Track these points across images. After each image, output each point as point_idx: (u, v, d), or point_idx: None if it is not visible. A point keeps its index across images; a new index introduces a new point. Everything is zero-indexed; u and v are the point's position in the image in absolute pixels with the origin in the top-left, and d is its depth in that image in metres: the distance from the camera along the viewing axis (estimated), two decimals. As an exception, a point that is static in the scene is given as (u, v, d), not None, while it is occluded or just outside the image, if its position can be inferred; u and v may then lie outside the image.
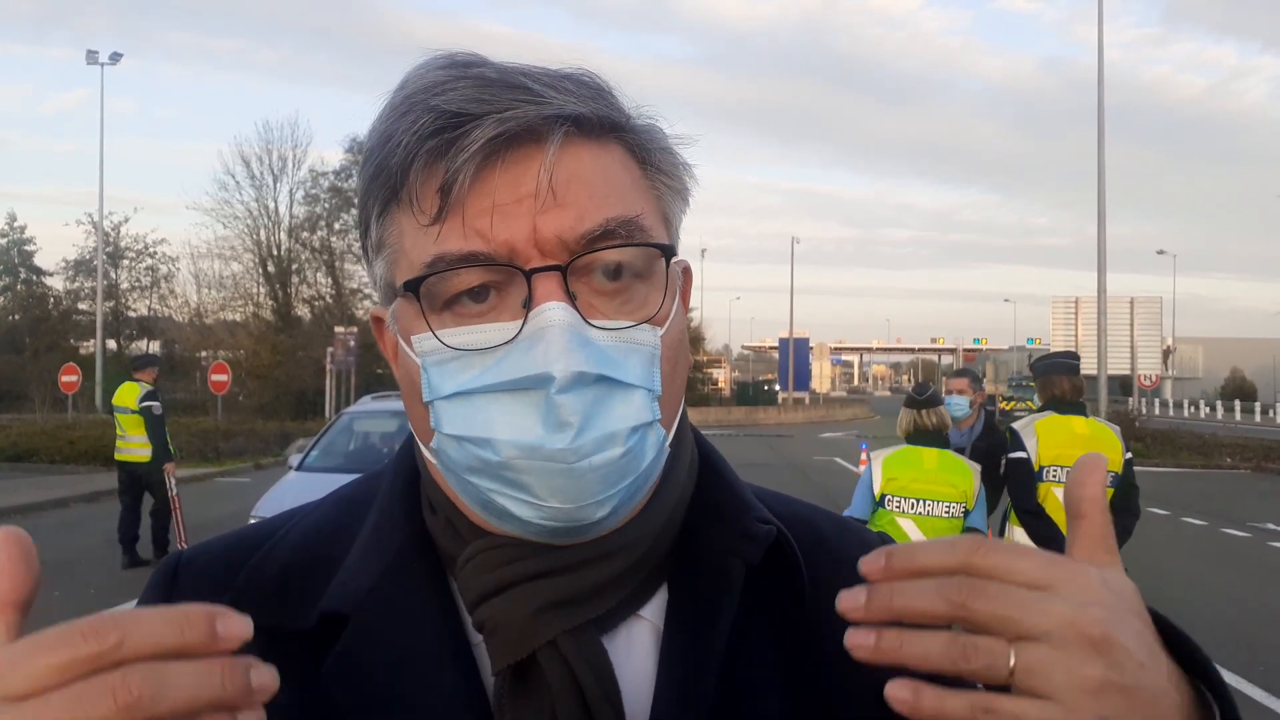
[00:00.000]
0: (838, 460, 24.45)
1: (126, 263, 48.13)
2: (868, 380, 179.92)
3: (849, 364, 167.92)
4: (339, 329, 29.80)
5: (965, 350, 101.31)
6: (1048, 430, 4.91)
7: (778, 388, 61.77)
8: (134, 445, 10.38)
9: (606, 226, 0.69)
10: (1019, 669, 0.51)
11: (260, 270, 41.49)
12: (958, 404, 6.16)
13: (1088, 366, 25.66)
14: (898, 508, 4.83)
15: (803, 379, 58.40)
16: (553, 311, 0.67)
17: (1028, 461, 4.87)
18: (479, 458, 0.68)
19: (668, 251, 0.73)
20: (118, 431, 10.63)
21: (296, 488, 8.42)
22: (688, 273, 0.82)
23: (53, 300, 48.58)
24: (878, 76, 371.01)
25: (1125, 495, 4.86)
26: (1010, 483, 4.97)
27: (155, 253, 48.12)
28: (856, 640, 0.54)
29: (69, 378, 26.02)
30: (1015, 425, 5.10)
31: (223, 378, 26.54)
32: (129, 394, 10.39)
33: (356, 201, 0.77)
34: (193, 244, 71.33)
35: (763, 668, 0.77)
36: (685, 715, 0.72)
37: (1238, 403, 57.05)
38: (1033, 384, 5.43)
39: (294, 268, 42.18)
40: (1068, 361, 5.18)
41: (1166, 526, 13.83)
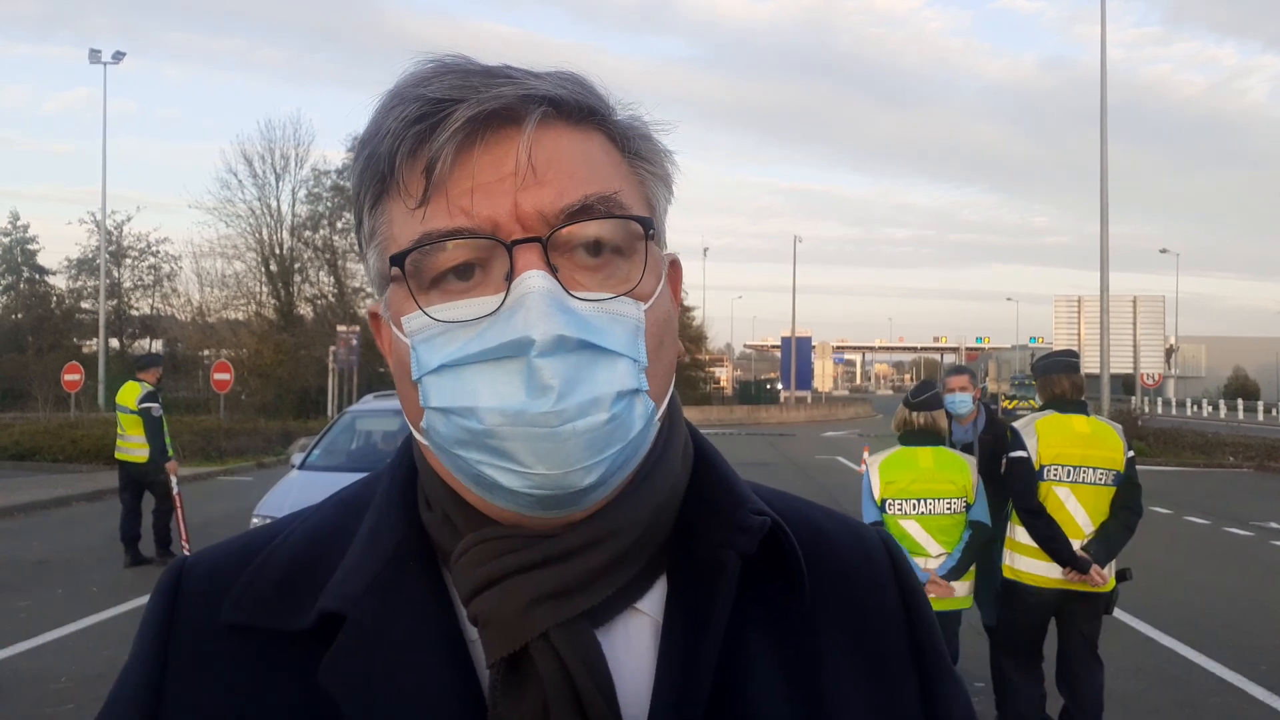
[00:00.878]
0: (840, 459, 24.43)
1: (129, 261, 48.06)
2: (870, 379, 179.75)
3: (851, 363, 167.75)
4: (341, 328, 29.78)
5: (968, 349, 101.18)
6: (1048, 429, 4.90)
7: (780, 387, 61.68)
8: (133, 445, 10.40)
9: (585, 201, 0.71)
10: None
11: (263, 269, 41.47)
12: (961, 401, 6.15)
13: (1090, 365, 25.66)
14: (899, 510, 4.83)
15: (805, 378, 58.32)
16: (533, 280, 0.68)
17: (1028, 460, 4.86)
18: (465, 428, 0.69)
19: (646, 224, 0.74)
20: (118, 430, 10.66)
21: (299, 487, 8.41)
22: (677, 265, 0.83)
23: (55, 299, 48.52)
24: (879, 76, 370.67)
25: (1128, 494, 4.85)
26: (1011, 482, 4.96)
27: (158, 251, 48.05)
28: None
29: (71, 376, 26.03)
30: (1016, 424, 5.08)
31: (225, 376, 26.54)
32: (130, 394, 10.41)
33: (351, 198, 0.79)
34: (195, 243, 71.54)
35: (761, 659, 0.77)
36: (683, 707, 0.72)
37: (1240, 402, 56.96)
38: (1034, 383, 5.41)
39: (296, 266, 42.14)
40: (1066, 360, 5.16)
41: (1169, 525, 13.82)
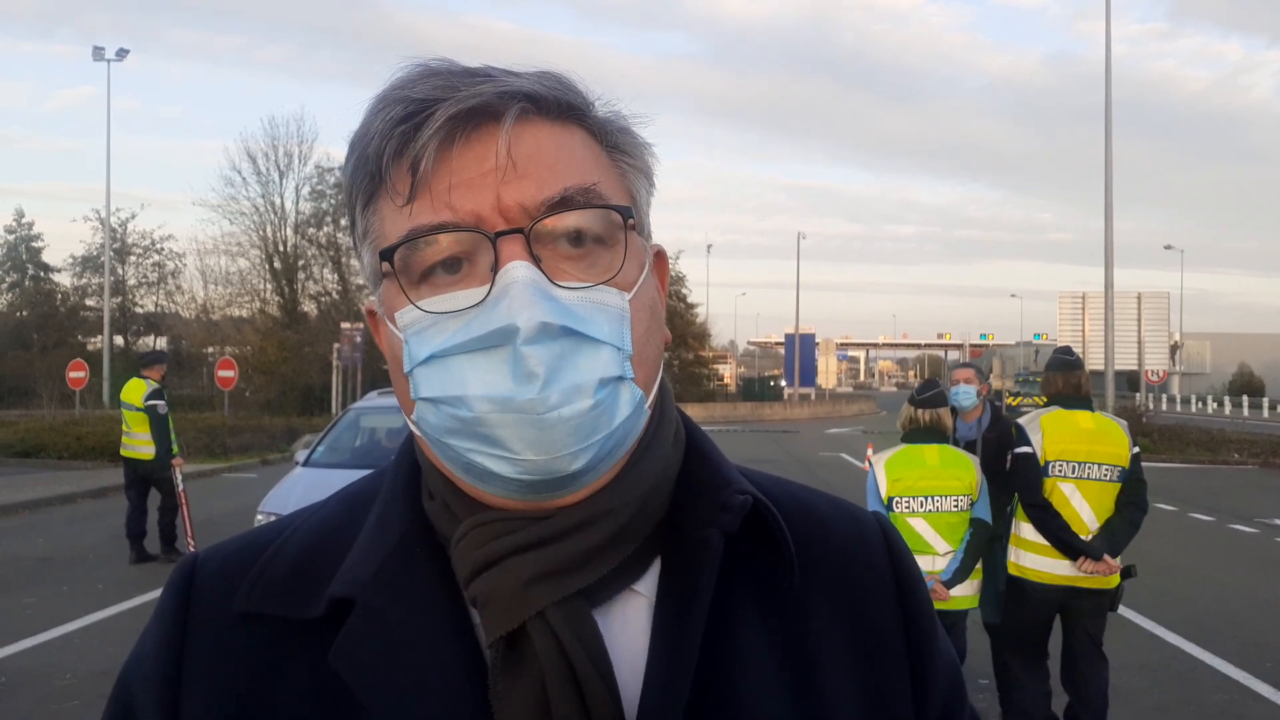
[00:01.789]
0: (843, 456, 24.43)
1: (133, 259, 48.19)
2: (874, 376, 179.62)
3: (855, 360, 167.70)
4: (345, 325, 29.84)
5: (972, 346, 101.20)
6: (1053, 425, 4.90)
7: (783, 383, 61.71)
8: (139, 442, 10.41)
9: (565, 193, 0.73)
10: None
11: (267, 266, 41.57)
12: (965, 393, 6.14)
13: (1095, 362, 25.64)
14: (907, 508, 4.82)
15: (808, 375, 58.34)
16: (516, 270, 0.71)
17: (1033, 456, 4.86)
18: (454, 416, 0.72)
19: (626, 214, 0.76)
20: (123, 428, 10.68)
21: (303, 483, 8.41)
22: (662, 256, 0.86)
23: (60, 297, 48.63)
24: (882, 72, 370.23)
25: (1133, 490, 4.85)
26: (1016, 478, 4.96)
27: (162, 249, 48.18)
28: None
29: (76, 374, 26.06)
30: (1021, 420, 5.08)
31: (229, 374, 26.56)
32: (135, 391, 10.42)
33: (344, 200, 0.81)
34: (199, 240, 71.86)
35: (751, 636, 0.80)
36: (673, 684, 0.74)
37: (1245, 398, 56.83)
38: (1039, 379, 5.45)
39: (300, 264, 42.26)
40: (1060, 358, 5.18)
41: (1174, 522, 13.80)
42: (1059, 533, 4.75)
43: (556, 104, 0.77)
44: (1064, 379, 5.04)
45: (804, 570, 0.82)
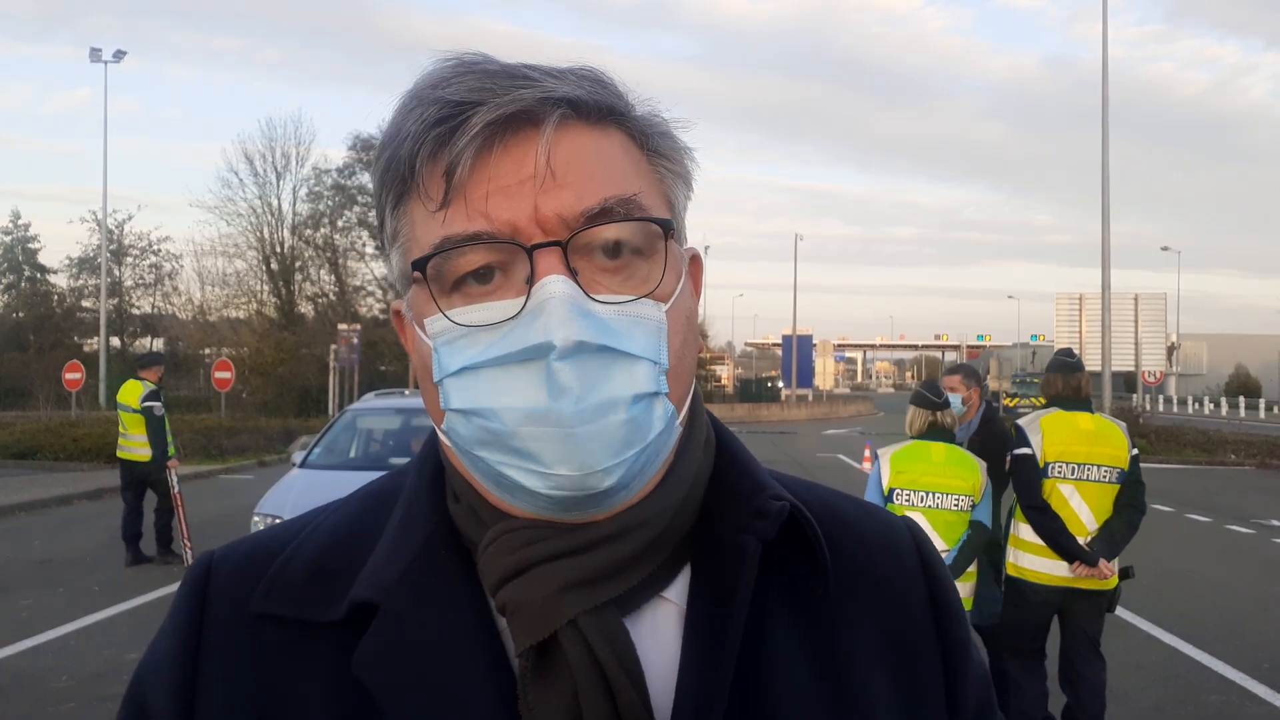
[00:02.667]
0: (841, 457, 24.44)
1: (130, 260, 48.07)
2: (871, 377, 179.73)
3: (852, 361, 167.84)
4: (342, 326, 29.82)
5: (969, 347, 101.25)
6: (1053, 426, 4.90)
7: (781, 384, 61.70)
8: (135, 444, 10.38)
9: (605, 204, 0.71)
10: None
11: (264, 267, 41.50)
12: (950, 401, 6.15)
13: (1092, 363, 25.64)
14: (907, 501, 4.81)
15: (806, 376, 58.33)
16: (554, 285, 0.68)
17: (1032, 458, 4.86)
18: (486, 429, 0.70)
19: (666, 226, 0.74)
20: (120, 429, 10.64)
21: (300, 485, 8.39)
22: (697, 261, 0.83)
23: (56, 298, 48.54)
24: (880, 74, 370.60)
25: (1132, 492, 4.85)
26: (1015, 479, 4.96)
27: (159, 250, 48.04)
28: None
29: (73, 375, 26.05)
30: (1020, 421, 5.08)
31: (226, 375, 26.58)
32: (132, 392, 10.39)
33: (372, 196, 0.80)
34: (196, 241, 71.60)
35: (786, 644, 0.78)
36: (707, 693, 0.73)
37: (1242, 399, 56.88)
38: (1036, 381, 5.46)
39: (297, 265, 42.18)
40: (1063, 360, 5.18)
41: (1171, 523, 13.82)
42: (1056, 535, 4.75)
43: (597, 107, 0.74)
44: (1064, 381, 5.04)
45: (837, 577, 0.81)
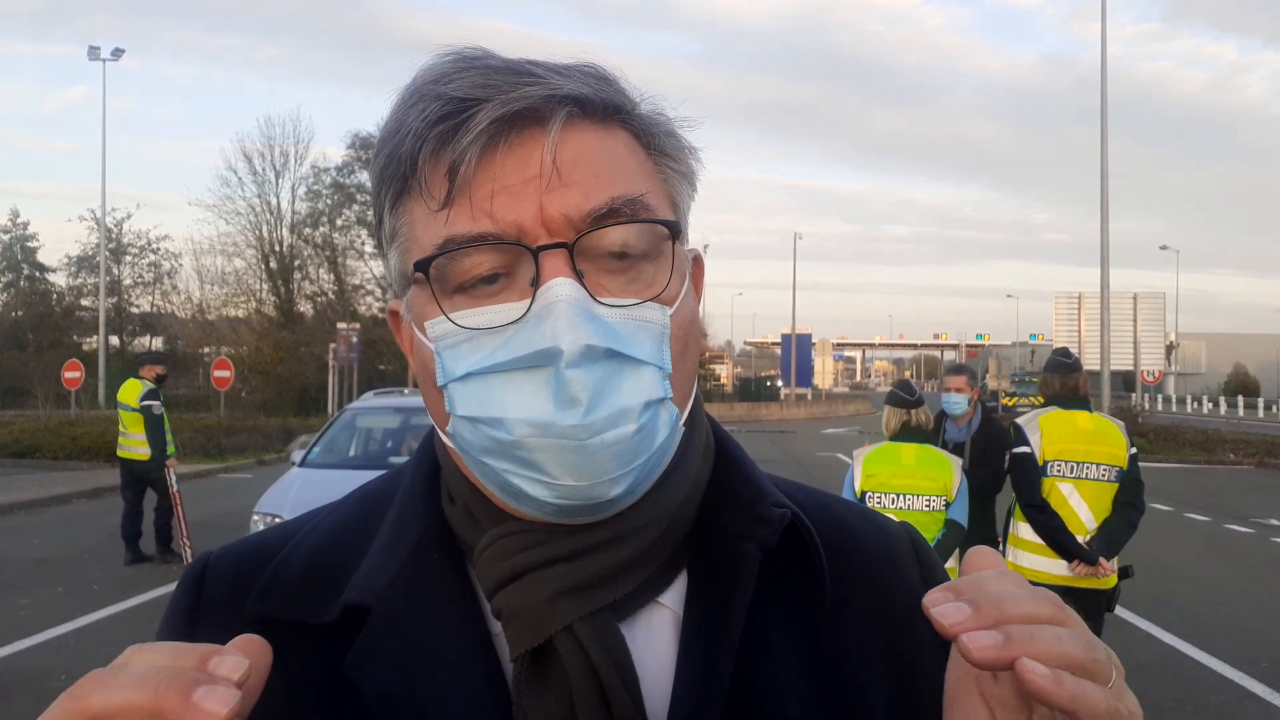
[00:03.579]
0: (840, 456, 24.44)
1: (129, 259, 48.07)
2: (870, 376, 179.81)
3: (851, 360, 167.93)
4: (341, 325, 29.81)
5: (968, 346, 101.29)
6: (1052, 425, 4.91)
7: (780, 384, 61.73)
8: (134, 443, 10.37)
9: (612, 205, 0.70)
10: None
11: (263, 266, 41.53)
12: (956, 402, 6.15)
13: (1091, 362, 25.65)
14: (878, 504, 4.83)
15: (805, 375, 58.35)
16: (560, 287, 0.67)
17: (1031, 456, 4.87)
18: (492, 438, 0.69)
19: (674, 228, 0.73)
20: (120, 428, 10.63)
21: (299, 484, 8.39)
22: (699, 261, 0.82)
23: (56, 297, 48.54)
24: (878, 72, 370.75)
25: (1130, 491, 4.86)
26: (1014, 477, 4.98)
27: (158, 249, 48.06)
28: (981, 644, 0.55)
29: (72, 374, 26.02)
30: (1019, 420, 5.09)
31: (225, 374, 26.56)
32: (131, 391, 10.37)
33: (370, 196, 0.78)
34: (195, 240, 71.62)
35: (783, 651, 0.77)
36: (703, 700, 0.72)
37: (1240, 398, 56.91)
38: (1035, 380, 5.48)
39: (296, 264, 42.22)
40: (1060, 360, 5.19)
41: (1169, 522, 13.82)
42: (1055, 534, 4.76)
43: (602, 106, 0.73)
44: (1062, 381, 5.05)
45: (836, 584, 0.79)
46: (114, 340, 44.15)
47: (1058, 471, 4.84)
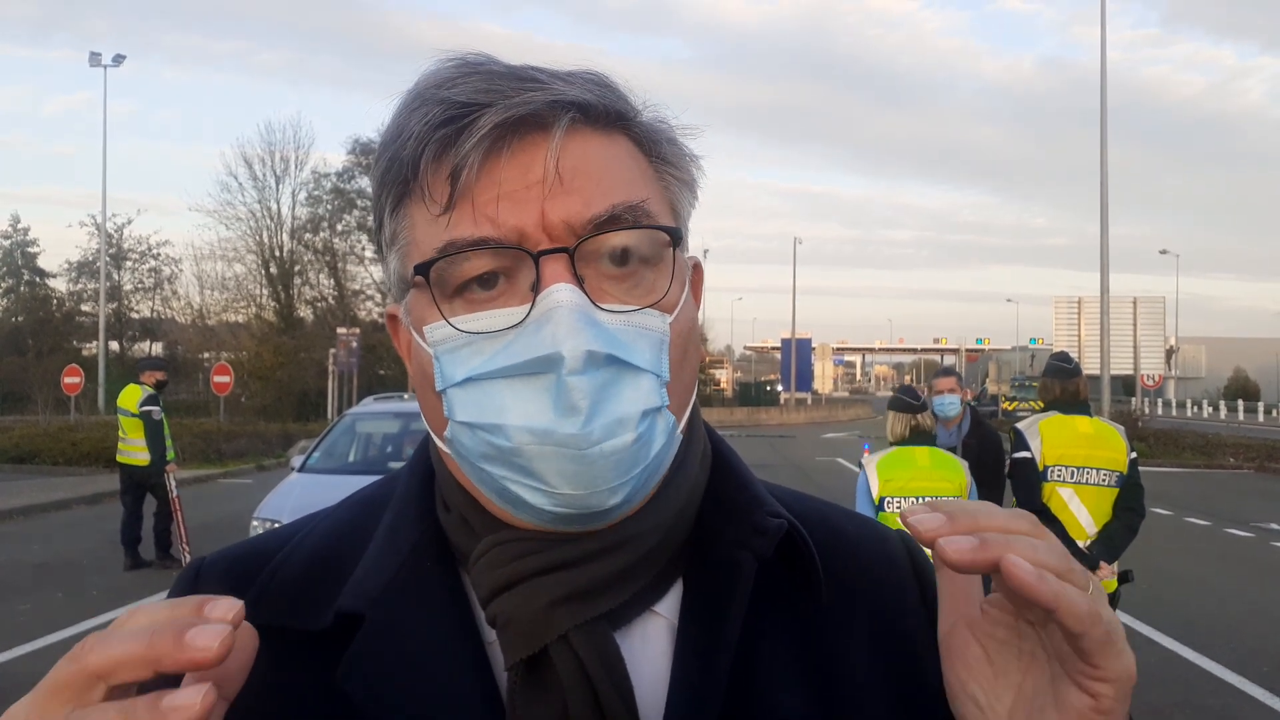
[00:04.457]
0: (840, 461, 24.44)
1: (129, 264, 48.06)
2: (870, 380, 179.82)
3: (851, 364, 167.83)
4: (341, 330, 29.82)
5: (968, 350, 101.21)
6: (1052, 430, 4.91)
7: (780, 388, 61.76)
8: (134, 448, 10.36)
9: (613, 211, 0.70)
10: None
11: (263, 272, 41.52)
12: (950, 403, 6.15)
13: (1091, 367, 25.64)
14: (898, 508, 4.82)
15: (805, 379, 58.35)
16: (560, 293, 0.67)
17: (1032, 461, 4.87)
18: (491, 444, 0.69)
19: (674, 235, 0.73)
20: (120, 434, 10.62)
21: (299, 489, 8.39)
22: (699, 269, 0.82)
23: (55, 302, 48.50)
24: (877, 77, 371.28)
25: (1130, 495, 4.86)
26: (1014, 482, 4.98)
27: (158, 254, 48.02)
28: (958, 545, 0.57)
29: (71, 379, 26.01)
30: (1019, 425, 5.10)
31: (225, 379, 26.53)
32: (131, 397, 10.37)
33: (371, 200, 0.78)
34: (195, 246, 71.53)
35: (779, 662, 0.76)
36: (698, 711, 0.72)
37: (1240, 403, 56.96)
38: (1035, 384, 5.48)
39: (296, 269, 42.21)
40: (1059, 365, 5.19)
41: (1170, 526, 13.82)
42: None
43: (605, 112, 0.73)
44: (1061, 386, 5.05)
45: (831, 592, 0.79)
46: (114, 346, 44.14)
47: (1058, 476, 4.84)
